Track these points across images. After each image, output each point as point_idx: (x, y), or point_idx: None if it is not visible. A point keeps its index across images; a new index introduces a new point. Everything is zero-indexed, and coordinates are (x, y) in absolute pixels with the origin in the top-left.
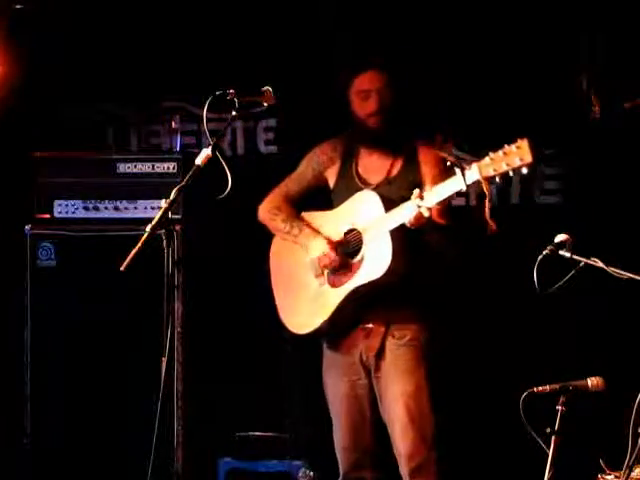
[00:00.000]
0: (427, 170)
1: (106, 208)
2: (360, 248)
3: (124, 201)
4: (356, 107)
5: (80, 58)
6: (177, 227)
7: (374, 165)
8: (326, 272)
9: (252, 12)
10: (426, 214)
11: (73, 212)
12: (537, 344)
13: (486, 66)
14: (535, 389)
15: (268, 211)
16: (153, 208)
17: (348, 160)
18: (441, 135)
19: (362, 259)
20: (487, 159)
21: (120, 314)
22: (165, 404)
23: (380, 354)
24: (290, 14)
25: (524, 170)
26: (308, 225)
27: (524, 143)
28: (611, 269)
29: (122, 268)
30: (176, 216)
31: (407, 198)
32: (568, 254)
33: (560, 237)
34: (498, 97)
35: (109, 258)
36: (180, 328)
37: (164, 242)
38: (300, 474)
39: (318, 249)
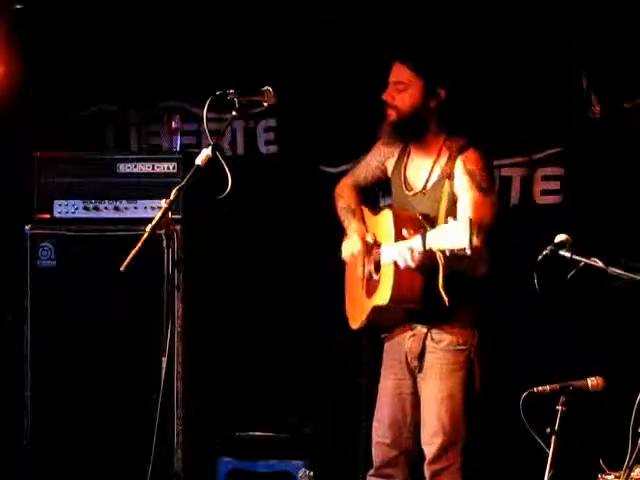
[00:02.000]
0: (459, 184)
1: (106, 208)
2: (380, 265)
3: (124, 201)
4: None
5: (80, 58)
6: (177, 227)
7: (417, 169)
8: (365, 280)
9: (252, 12)
10: (409, 261)
11: (73, 212)
12: (537, 344)
13: (486, 66)
14: (535, 389)
15: (338, 193)
16: (153, 208)
17: (402, 157)
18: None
19: (380, 279)
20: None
21: (120, 314)
22: (165, 404)
23: (421, 356)
24: (290, 14)
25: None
26: (359, 219)
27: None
28: (611, 269)
29: (122, 268)
30: (176, 216)
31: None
32: (568, 254)
33: (560, 237)
34: (498, 97)
35: (109, 258)
36: (180, 328)
37: (164, 242)
38: (300, 474)
39: (353, 247)
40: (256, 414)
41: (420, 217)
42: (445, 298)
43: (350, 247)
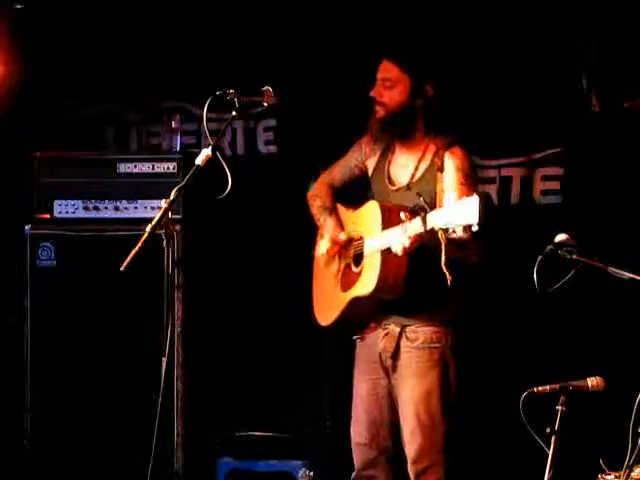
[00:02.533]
0: (449, 179)
1: (106, 208)
2: (362, 257)
3: (124, 201)
4: None
5: (80, 58)
6: (177, 227)
7: (402, 166)
8: (340, 273)
9: (252, 12)
10: (407, 244)
11: (73, 212)
12: (537, 344)
13: (486, 66)
14: (535, 389)
15: (311, 196)
16: (153, 208)
17: (385, 154)
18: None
19: (361, 270)
20: (438, 211)
21: (120, 314)
22: (165, 404)
23: (396, 356)
24: (290, 14)
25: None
26: (335, 217)
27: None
28: (611, 269)
29: (122, 268)
30: (176, 216)
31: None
32: (568, 254)
33: (560, 237)
34: (498, 97)
35: (109, 258)
36: (180, 328)
37: (164, 242)
38: (300, 474)
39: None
40: (256, 414)
41: (420, 197)
42: (448, 277)
43: (325, 246)
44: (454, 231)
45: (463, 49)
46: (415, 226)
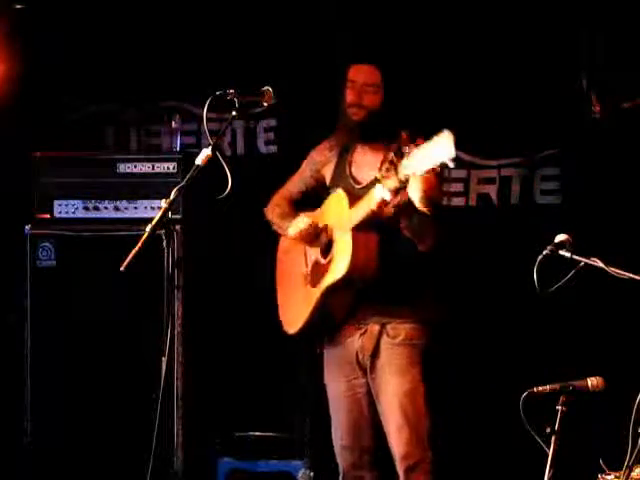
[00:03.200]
0: None
1: (106, 208)
2: (331, 247)
3: (124, 201)
4: (344, 94)
5: (80, 58)
6: (177, 227)
7: (366, 163)
8: (308, 272)
9: (252, 12)
10: (387, 197)
11: (73, 212)
12: (537, 344)
13: (486, 66)
14: (535, 389)
15: (270, 211)
16: (153, 208)
17: (343, 158)
18: (407, 133)
19: (332, 258)
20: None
21: (120, 314)
22: (165, 404)
23: (375, 354)
24: (290, 14)
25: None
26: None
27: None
28: (611, 269)
29: (122, 268)
30: (176, 216)
31: None
32: (568, 254)
33: (560, 237)
34: (498, 97)
35: (109, 258)
36: (180, 328)
37: (164, 242)
38: (300, 474)
39: (298, 225)
40: (256, 414)
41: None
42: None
43: (296, 225)
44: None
45: (463, 49)
46: (391, 180)
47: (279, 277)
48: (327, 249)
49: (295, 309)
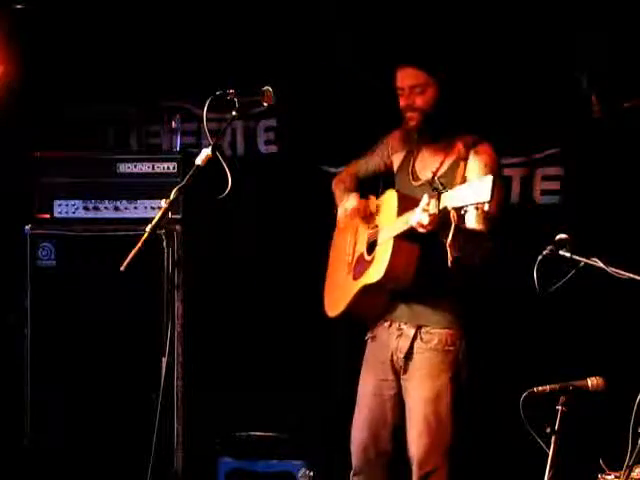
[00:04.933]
0: (471, 172)
1: (106, 208)
2: (376, 245)
3: (124, 201)
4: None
5: (80, 58)
6: (177, 227)
7: (427, 162)
8: (353, 262)
9: (252, 12)
10: (425, 221)
11: (73, 212)
12: (537, 344)
13: (486, 66)
14: (535, 389)
15: (337, 182)
16: (153, 208)
17: (411, 152)
18: (462, 143)
19: (373, 258)
20: (453, 191)
21: (120, 314)
22: (165, 404)
23: (408, 356)
24: (290, 14)
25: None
26: (357, 196)
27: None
28: (611, 269)
29: (122, 268)
30: (176, 216)
31: None
32: (568, 254)
33: (560, 237)
34: (498, 97)
35: (109, 258)
36: (180, 328)
37: (164, 242)
38: (300, 474)
39: (345, 205)
40: (256, 414)
41: (436, 178)
42: (450, 257)
43: (344, 206)
44: (466, 211)
45: (463, 49)
46: (430, 206)
47: (332, 254)
48: (372, 247)
49: (337, 294)
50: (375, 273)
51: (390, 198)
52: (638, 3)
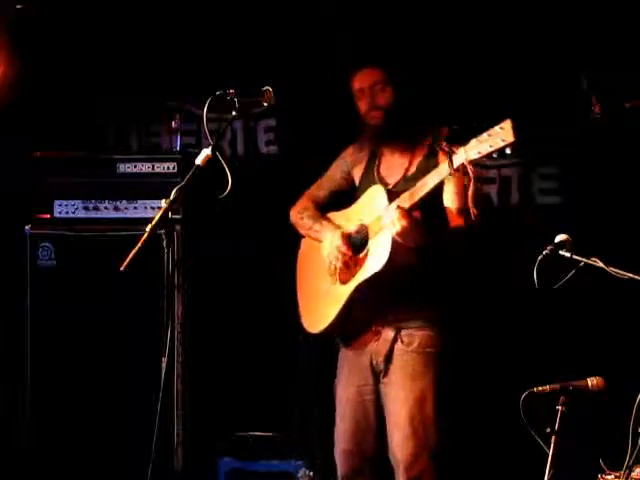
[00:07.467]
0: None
1: (106, 208)
2: (367, 243)
3: (124, 201)
4: (357, 105)
5: (80, 58)
6: (177, 227)
7: (394, 164)
8: (338, 271)
9: (252, 12)
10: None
11: (73, 212)
12: (537, 344)
13: (486, 66)
14: (535, 389)
15: (297, 213)
16: (153, 208)
17: (372, 160)
18: (448, 128)
19: (367, 253)
20: (473, 142)
21: (120, 314)
22: (165, 404)
23: (389, 359)
24: (290, 14)
25: (507, 150)
26: (330, 222)
27: (507, 124)
28: (611, 269)
29: (122, 268)
30: (176, 216)
31: None
32: (568, 254)
33: (560, 237)
34: (497, 96)
35: (109, 258)
36: (180, 328)
37: (164, 242)
38: (300, 474)
39: (332, 242)
40: (256, 414)
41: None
42: (472, 212)
43: (334, 239)
44: (487, 155)
45: (463, 49)
46: (459, 156)
47: (301, 279)
48: (359, 247)
49: (321, 309)
50: (375, 264)
51: (374, 192)
52: (638, 3)
